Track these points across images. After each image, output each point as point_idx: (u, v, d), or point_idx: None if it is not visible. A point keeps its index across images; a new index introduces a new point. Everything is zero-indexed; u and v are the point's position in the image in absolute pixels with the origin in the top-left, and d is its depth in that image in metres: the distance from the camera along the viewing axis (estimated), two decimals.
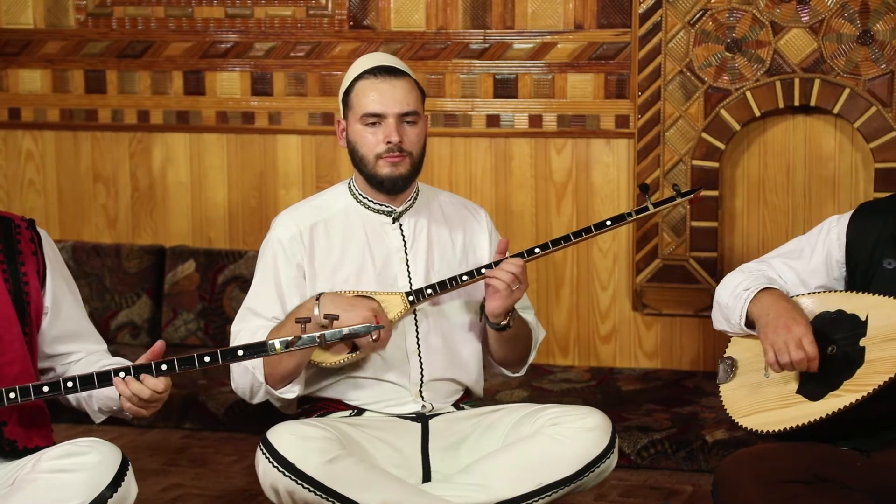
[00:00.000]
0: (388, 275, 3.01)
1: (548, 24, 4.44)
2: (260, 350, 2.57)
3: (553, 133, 4.49)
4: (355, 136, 2.99)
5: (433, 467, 2.93)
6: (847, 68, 4.13)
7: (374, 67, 2.97)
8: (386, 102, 2.94)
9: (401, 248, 3.03)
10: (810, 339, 2.64)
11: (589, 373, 4.42)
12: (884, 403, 2.59)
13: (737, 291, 2.82)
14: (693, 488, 3.58)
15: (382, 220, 3.04)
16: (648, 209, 3.04)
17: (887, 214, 2.76)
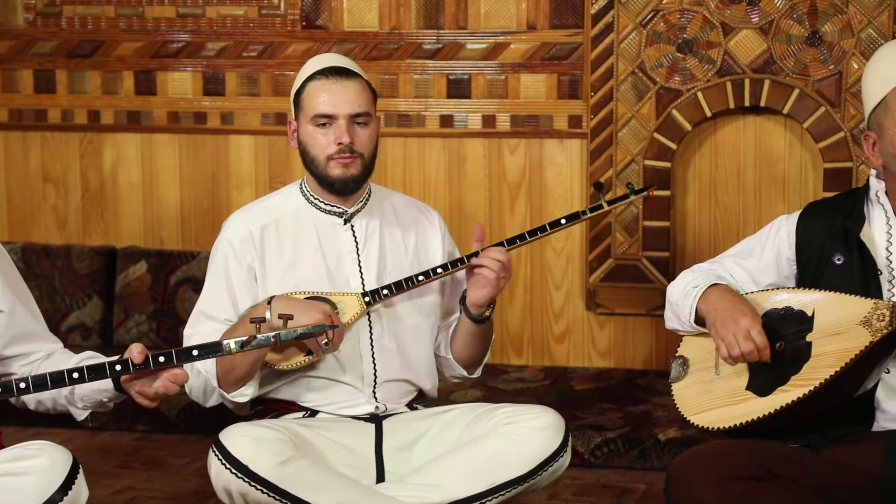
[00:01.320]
0: (341, 276, 3.00)
1: (501, 24, 4.45)
2: (215, 350, 2.55)
3: (506, 133, 4.50)
4: (306, 137, 2.98)
5: (387, 468, 2.93)
6: (796, 69, 4.17)
7: (326, 68, 2.97)
8: (337, 103, 2.93)
9: (353, 249, 3.03)
10: (758, 329, 2.66)
11: (543, 372, 4.44)
12: (831, 398, 2.62)
13: (686, 289, 2.85)
14: (646, 487, 3.60)
15: (334, 222, 3.04)
16: (603, 207, 3.06)
17: (835, 212, 2.80)
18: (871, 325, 2.57)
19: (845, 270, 2.73)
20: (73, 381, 2.52)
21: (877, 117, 2.69)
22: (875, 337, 2.56)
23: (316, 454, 2.84)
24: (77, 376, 2.51)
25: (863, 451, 2.64)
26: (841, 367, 2.57)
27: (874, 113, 2.69)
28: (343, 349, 2.95)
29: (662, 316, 2.99)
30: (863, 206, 2.77)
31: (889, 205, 2.73)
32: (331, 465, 2.84)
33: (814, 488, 2.61)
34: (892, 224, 2.72)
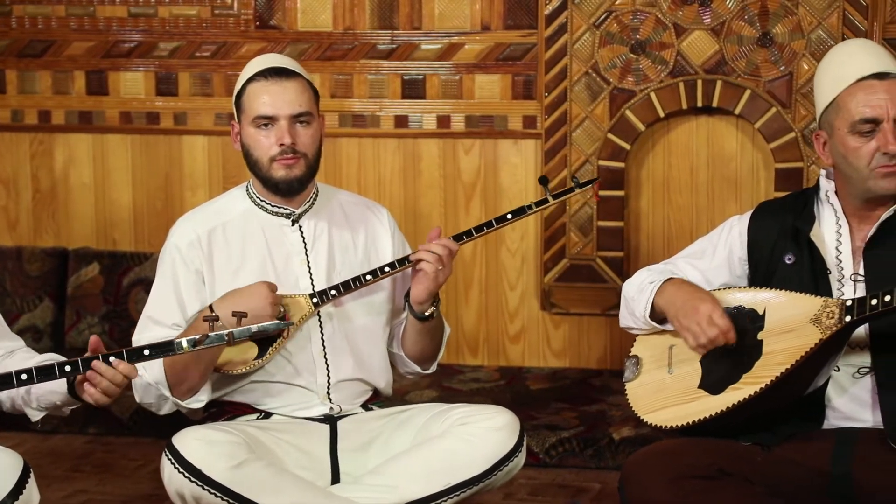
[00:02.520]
0: (290, 277, 2.99)
1: (455, 24, 4.45)
2: (167, 349, 2.52)
3: (461, 133, 4.50)
4: (248, 140, 2.97)
5: (342, 469, 2.93)
6: (748, 70, 4.21)
7: (265, 69, 2.95)
8: (277, 104, 2.92)
9: (301, 250, 3.02)
10: (719, 312, 2.68)
11: (498, 372, 4.44)
12: (782, 395, 2.64)
13: (642, 285, 2.87)
14: (600, 486, 3.62)
15: (281, 223, 3.02)
16: (549, 201, 3.06)
17: (786, 212, 2.82)
18: (821, 322, 2.60)
19: (796, 270, 2.75)
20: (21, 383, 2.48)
21: (828, 117, 2.71)
22: (825, 335, 2.58)
23: (270, 456, 2.82)
24: (25, 377, 2.48)
25: (813, 448, 2.66)
26: (791, 365, 2.59)
27: (825, 113, 2.72)
28: (295, 351, 2.95)
29: (617, 316, 3.00)
30: (813, 206, 2.79)
31: (839, 204, 2.75)
32: (285, 467, 2.83)
33: (765, 486, 2.63)
34: (842, 224, 2.75)
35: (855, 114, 2.64)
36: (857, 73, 2.66)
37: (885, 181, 2.64)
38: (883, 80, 2.64)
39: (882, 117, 2.62)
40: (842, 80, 2.67)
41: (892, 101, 2.62)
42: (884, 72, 2.65)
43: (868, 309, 2.53)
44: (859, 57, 2.70)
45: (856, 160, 2.65)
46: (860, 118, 2.63)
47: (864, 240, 2.71)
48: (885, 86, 2.64)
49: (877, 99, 2.63)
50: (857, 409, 2.69)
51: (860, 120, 2.64)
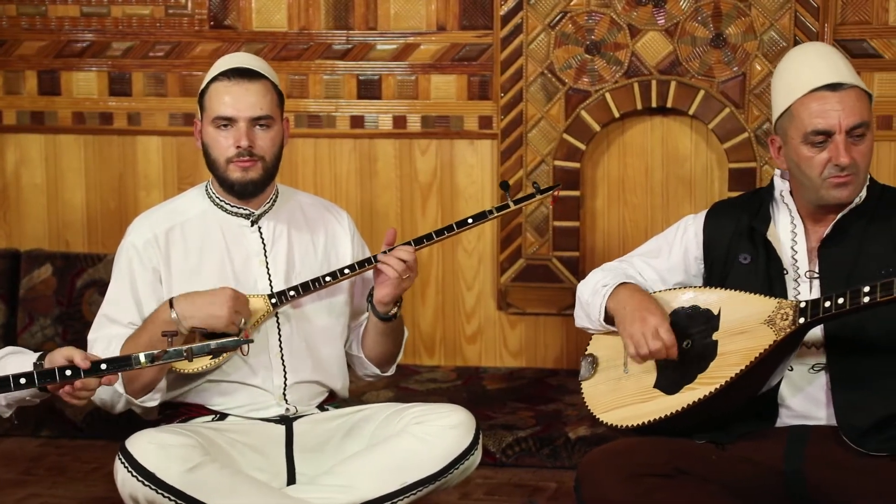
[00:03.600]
0: (248, 278, 2.98)
1: (410, 25, 4.45)
2: (124, 364, 2.50)
3: (417, 134, 4.50)
4: (208, 139, 2.96)
5: (298, 470, 2.92)
6: (701, 70, 4.24)
7: (230, 70, 2.94)
8: (238, 106, 2.91)
9: (260, 251, 3.01)
10: (666, 327, 2.70)
11: (455, 372, 4.45)
12: (736, 395, 2.66)
13: (596, 288, 2.88)
14: (557, 485, 3.63)
15: (241, 223, 3.01)
16: (509, 206, 3.08)
17: (741, 211, 2.84)
18: (775, 324, 2.62)
19: (751, 270, 2.77)
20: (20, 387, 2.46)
21: (782, 124, 2.72)
22: (779, 336, 2.60)
23: (225, 458, 2.81)
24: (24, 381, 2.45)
25: (766, 446, 2.69)
26: (746, 366, 2.61)
27: (780, 120, 2.72)
28: (252, 351, 2.93)
29: (573, 315, 3.01)
30: (768, 206, 2.81)
31: (794, 204, 2.77)
32: (241, 468, 2.82)
33: (720, 483, 2.65)
34: (797, 224, 2.76)
35: (808, 125, 2.64)
36: (810, 83, 2.66)
37: (836, 191, 2.66)
38: (836, 91, 2.64)
39: (834, 129, 2.62)
40: (796, 90, 2.67)
41: (845, 113, 2.62)
42: (837, 82, 2.65)
43: (821, 311, 2.55)
44: (813, 66, 2.69)
45: (808, 169, 2.66)
46: (812, 129, 2.64)
47: (819, 239, 2.73)
48: (838, 97, 2.63)
49: (829, 110, 2.63)
50: (810, 407, 2.71)
51: (813, 131, 2.64)
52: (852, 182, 2.65)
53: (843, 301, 2.52)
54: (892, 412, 2.62)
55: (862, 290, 2.50)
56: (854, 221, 2.71)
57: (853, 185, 2.66)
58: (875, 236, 2.70)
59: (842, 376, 2.66)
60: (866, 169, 2.68)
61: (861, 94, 2.66)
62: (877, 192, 2.76)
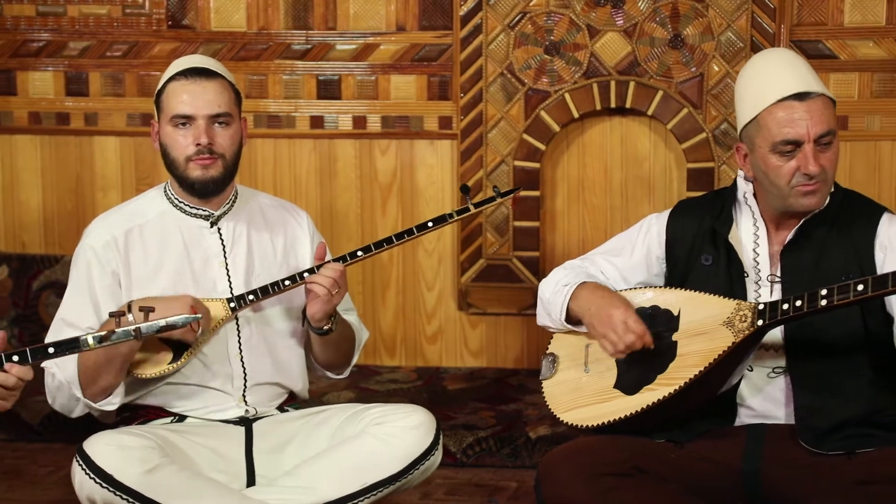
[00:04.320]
0: (207, 280, 2.96)
1: (370, 25, 4.44)
2: (73, 346, 2.46)
3: (377, 134, 4.50)
4: (166, 139, 2.94)
5: (258, 471, 2.91)
6: (660, 71, 4.26)
7: (186, 69, 2.93)
8: (196, 104, 2.90)
9: (220, 252, 2.99)
10: (633, 318, 2.70)
11: (415, 373, 4.45)
12: (695, 396, 2.67)
13: (557, 287, 2.88)
14: (517, 484, 3.63)
15: (200, 225, 3.00)
16: (469, 209, 3.09)
17: (704, 212, 2.84)
18: (734, 325, 2.62)
19: (713, 271, 2.77)
20: None
21: (748, 133, 2.71)
22: (737, 338, 2.61)
23: (184, 460, 2.80)
24: None
25: (725, 445, 2.70)
26: (705, 367, 2.62)
27: (746, 128, 2.71)
28: (211, 354, 2.93)
29: (534, 315, 3.02)
30: (731, 208, 2.81)
31: (757, 207, 2.77)
32: (200, 470, 2.81)
33: (678, 482, 2.66)
34: (760, 227, 2.77)
35: (776, 135, 2.63)
36: (777, 93, 2.65)
37: (805, 199, 2.66)
38: (803, 101, 2.63)
39: (803, 138, 2.62)
40: (763, 100, 2.66)
41: (813, 122, 2.62)
42: (804, 91, 2.64)
43: (780, 313, 2.56)
44: (779, 75, 2.68)
45: (776, 178, 2.66)
46: (782, 140, 2.63)
47: (781, 243, 2.74)
48: (806, 106, 2.63)
49: (797, 120, 2.62)
50: (770, 407, 2.73)
51: (782, 141, 2.63)
52: (820, 189, 2.66)
53: (800, 304, 2.53)
54: (850, 415, 2.64)
55: (819, 294, 2.51)
56: (817, 227, 2.72)
57: (821, 193, 2.67)
58: (837, 242, 2.71)
59: (802, 379, 2.67)
60: (833, 175, 2.69)
61: (827, 102, 2.66)
62: (839, 198, 2.76)
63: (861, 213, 2.74)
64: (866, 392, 2.66)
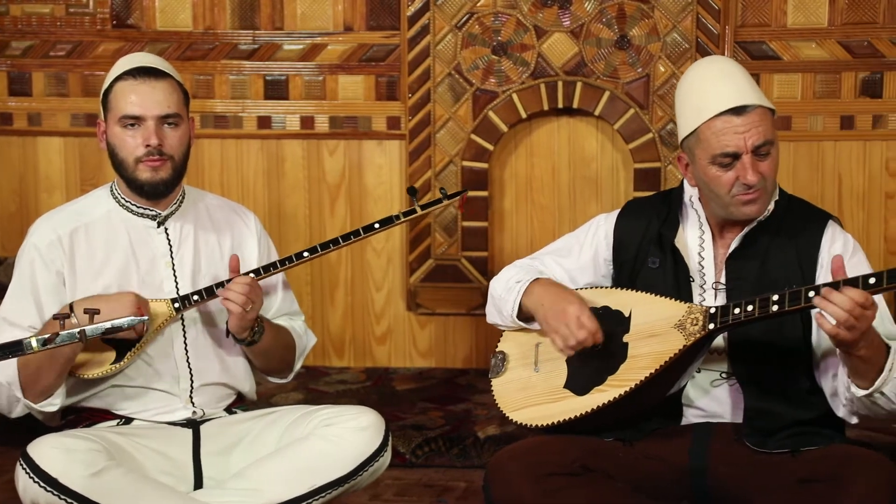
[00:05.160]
0: (154, 280, 2.94)
1: (317, 25, 4.43)
2: (16, 349, 2.44)
3: (325, 134, 4.48)
4: (114, 139, 2.91)
5: (205, 473, 2.89)
6: (606, 72, 4.28)
7: (134, 69, 2.90)
8: (145, 105, 2.87)
9: (166, 252, 2.97)
10: (587, 314, 2.70)
11: (364, 373, 4.44)
12: (645, 398, 2.67)
13: (509, 284, 2.88)
14: (466, 484, 3.64)
15: (147, 224, 2.97)
16: (416, 211, 3.08)
17: (652, 215, 2.85)
18: (685, 328, 2.63)
19: (659, 274, 2.78)
20: None
21: (689, 144, 2.72)
22: (688, 341, 2.61)
23: (131, 463, 2.77)
24: None
25: (672, 443, 2.71)
26: (655, 370, 2.62)
27: (686, 140, 2.72)
28: (156, 355, 2.90)
29: (483, 315, 3.02)
30: (678, 212, 2.82)
31: (703, 212, 2.79)
32: (147, 473, 2.78)
33: (627, 481, 2.67)
34: (705, 232, 2.78)
35: (715, 148, 2.65)
36: (716, 106, 2.65)
37: (745, 207, 2.68)
38: (740, 115, 2.64)
39: (741, 150, 2.63)
40: (702, 112, 2.67)
41: (750, 135, 2.63)
42: (742, 105, 2.65)
43: (731, 317, 2.57)
44: (718, 88, 2.69)
45: (717, 188, 2.68)
46: (720, 153, 2.64)
47: (726, 249, 2.75)
48: (743, 120, 2.64)
49: (735, 134, 2.63)
50: (716, 407, 2.74)
51: (720, 154, 2.64)
52: (761, 197, 2.67)
53: (752, 308, 2.54)
54: (796, 419, 2.67)
55: (771, 299, 2.52)
56: (761, 234, 2.73)
57: (762, 201, 2.68)
58: (781, 249, 2.72)
59: (750, 383, 2.69)
60: (774, 182, 2.71)
61: (765, 113, 2.67)
62: (784, 204, 2.77)
63: (806, 223, 2.76)
64: (812, 397, 2.68)
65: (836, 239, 2.73)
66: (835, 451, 2.63)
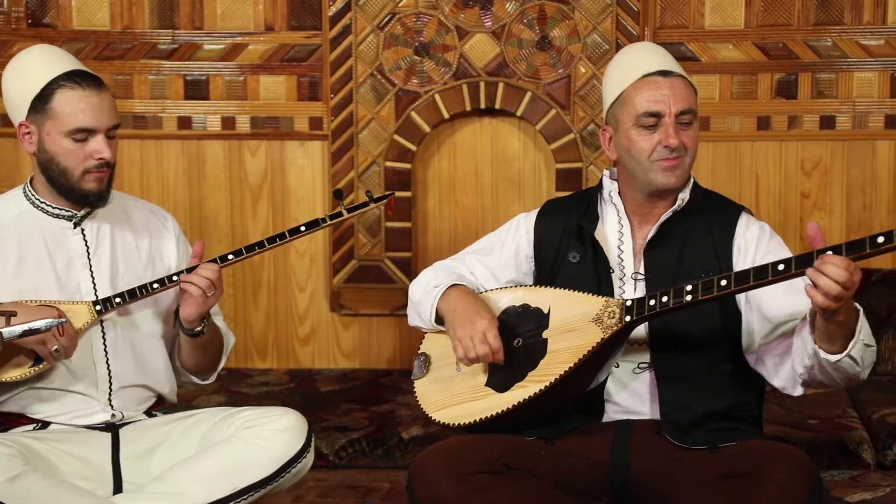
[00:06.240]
0: (71, 282, 2.90)
1: (238, 25, 4.40)
2: None
3: (247, 135, 4.45)
4: (57, 149, 2.85)
5: (125, 477, 2.86)
6: (528, 72, 4.31)
7: (75, 75, 2.85)
8: (99, 117, 2.84)
9: (83, 253, 2.94)
10: (494, 332, 2.73)
11: (287, 375, 4.41)
12: (566, 392, 2.70)
13: (427, 288, 2.89)
14: (390, 485, 3.63)
15: (63, 226, 2.93)
16: (342, 214, 3.08)
17: (571, 211, 2.90)
18: (603, 322, 2.67)
19: (580, 268, 2.82)
20: None
21: (614, 112, 2.80)
22: (606, 334, 2.64)
23: (48, 467, 2.73)
24: None
25: (593, 440, 2.74)
26: (574, 364, 2.65)
27: (612, 108, 2.81)
28: (75, 357, 2.86)
29: (406, 315, 3.02)
30: (596, 206, 2.87)
31: (621, 204, 2.84)
32: (64, 478, 2.75)
33: (549, 478, 2.69)
34: (624, 223, 2.83)
35: (639, 107, 2.74)
36: (643, 69, 2.77)
37: (664, 175, 2.74)
38: (667, 77, 2.75)
39: (664, 112, 2.73)
40: (628, 76, 2.77)
41: (675, 98, 2.73)
42: (668, 70, 2.77)
43: (646, 309, 2.61)
44: (646, 56, 2.81)
45: (638, 153, 2.74)
46: (644, 111, 2.73)
47: (644, 239, 2.80)
48: (669, 82, 2.75)
49: (660, 94, 2.73)
50: (636, 402, 2.77)
51: (644, 113, 2.73)
52: (680, 166, 2.74)
53: (666, 299, 2.59)
54: (712, 409, 2.71)
55: (685, 289, 2.57)
56: (678, 223, 2.79)
57: (681, 170, 2.75)
58: (697, 240, 2.78)
59: (665, 374, 2.73)
60: (693, 156, 2.78)
61: (688, 85, 2.79)
62: (700, 196, 2.84)
63: (721, 213, 2.83)
64: (727, 387, 2.73)
65: (750, 225, 2.80)
66: (753, 446, 2.66)
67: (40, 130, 2.86)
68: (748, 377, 2.77)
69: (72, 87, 2.84)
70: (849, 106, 4.25)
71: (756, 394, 2.79)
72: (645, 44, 3.02)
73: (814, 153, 4.31)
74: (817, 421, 3.68)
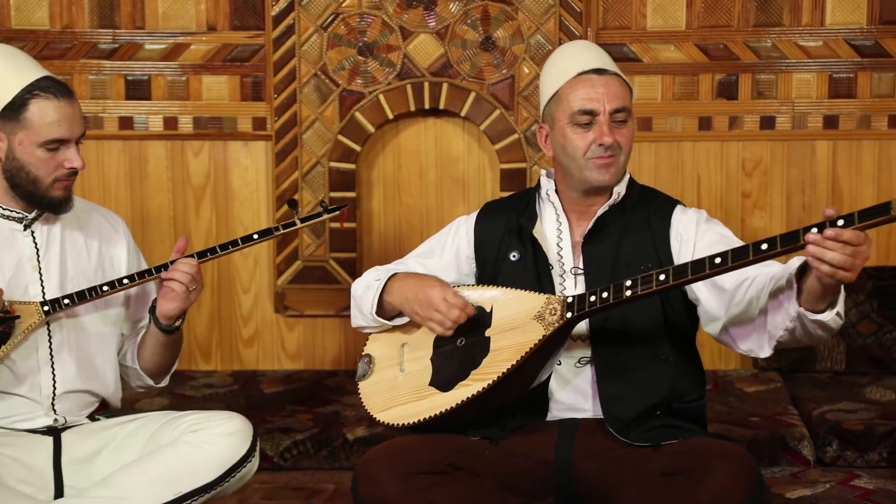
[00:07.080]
0: (20, 284, 2.87)
1: (180, 24, 4.37)
2: None
3: (189, 135, 4.42)
4: (29, 158, 2.82)
5: (66, 482, 2.83)
6: (472, 73, 4.32)
7: (50, 84, 2.81)
8: (72, 128, 2.85)
9: (33, 255, 2.91)
10: (451, 292, 2.75)
11: (231, 377, 4.39)
12: (509, 390, 2.72)
13: (368, 283, 2.91)
14: (335, 486, 3.63)
15: (13, 227, 2.90)
16: (296, 224, 3.06)
17: (510, 210, 2.93)
18: (545, 319, 2.69)
19: (521, 267, 2.84)
20: None
21: (550, 110, 2.83)
22: (548, 331, 2.66)
23: None
24: None
25: (538, 439, 2.76)
26: (517, 361, 2.66)
27: (548, 105, 2.84)
28: (19, 360, 2.84)
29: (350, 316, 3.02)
30: (535, 205, 2.91)
31: (559, 202, 2.87)
32: (4, 482, 2.72)
33: (494, 478, 2.70)
34: (562, 220, 2.86)
35: (574, 105, 2.77)
36: (578, 67, 2.79)
37: (598, 172, 2.77)
38: (601, 76, 2.78)
39: (599, 110, 2.76)
40: (564, 74, 2.80)
41: (609, 96, 2.76)
42: (602, 68, 2.80)
43: (587, 305, 2.64)
44: (581, 55, 2.84)
45: (573, 151, 2.77)
46: (579, 109, 2.76)
47: (582, 234, 2.83)
48: (603, 81, 2.78)
49: (595, 92, 2.77)
50: (578, 399, 2.80)
51: (579, 111, 2.76)
52: (614, 164, 2.78)
53: (606, 295, 2.62)
54: (652, 403, 2.74)
55: (624, 284, 2.60)
56: (614, 218, 2.83)
57: (615, 168, 2.78)
58: (634, 232, 2.82)
59: (606, 369, 2.76)
60: (628, 154, 2.81)
61: (623, 83, 2.81)
62: (636, 190, 2.89)
63: (656, 206, 2.87)
64: (667, 378, 2.76)
65: (686, 212, 2.85)
66: (695, 444, 2.69)
67: (11, 138, 2.82)
68: (689, 368, 2.80)
69: (46, 97, 2.81)
70: (788, 106, 4.31)
71: (696, 384, 2.82)
72: (581, 42, 3.05)
73: (754, 153, 4.36)
74: (759, 418, 3.72)
